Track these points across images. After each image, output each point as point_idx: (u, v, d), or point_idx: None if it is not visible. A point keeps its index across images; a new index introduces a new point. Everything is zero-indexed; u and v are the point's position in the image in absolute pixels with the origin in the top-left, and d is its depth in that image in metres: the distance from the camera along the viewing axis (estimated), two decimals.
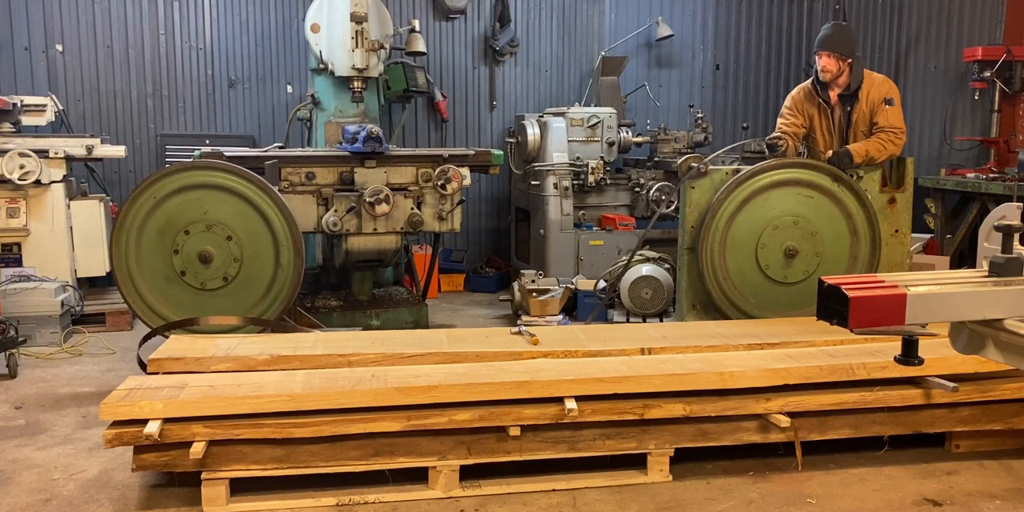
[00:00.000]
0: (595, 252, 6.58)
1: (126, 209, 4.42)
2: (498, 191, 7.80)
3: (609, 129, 6.80)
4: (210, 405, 3.04)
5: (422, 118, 7.55)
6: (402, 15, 7.25)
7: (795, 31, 8.33)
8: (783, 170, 4.78)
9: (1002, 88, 6.47)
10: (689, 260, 4.83)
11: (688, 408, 3.27)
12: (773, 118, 8.36)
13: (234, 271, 4.59)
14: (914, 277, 2.18)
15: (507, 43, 7.54)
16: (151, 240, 4.52)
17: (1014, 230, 2.18)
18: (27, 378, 4.73)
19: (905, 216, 4.98)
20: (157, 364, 3.59)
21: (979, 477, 3.36)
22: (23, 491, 3.24)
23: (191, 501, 3.11)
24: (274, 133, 7.04)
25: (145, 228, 4.51)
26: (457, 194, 5.33)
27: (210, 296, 4.60)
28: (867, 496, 3.20)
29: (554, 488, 3.23)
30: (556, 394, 3.20)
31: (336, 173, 5.15)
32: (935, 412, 3.48)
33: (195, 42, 6.98)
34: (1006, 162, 6.54)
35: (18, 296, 5.34)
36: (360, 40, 5.68)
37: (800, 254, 4.77)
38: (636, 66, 7.94)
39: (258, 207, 4.62)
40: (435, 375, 3.31)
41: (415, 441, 3.17)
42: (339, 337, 4.12)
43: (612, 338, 3.99)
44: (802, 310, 4.75)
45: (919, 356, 2.16)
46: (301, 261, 4.68)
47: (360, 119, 5.96)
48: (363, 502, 3.12)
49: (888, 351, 3.52)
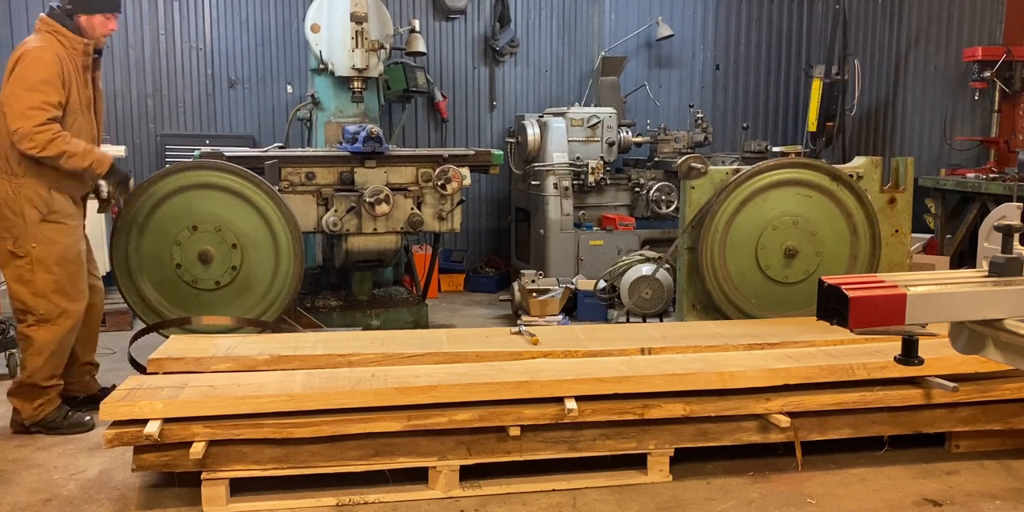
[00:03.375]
0: (595, 252, 6.59)
1: (126, 209, 4.42)
2: (498, 191, 7.80)
3: (609, 129, 6.81)
4: (210, 405, 3.04)
5: (422, 118, 7.56)
6: (402, 15, 7.25)
7: (795, 31, 8.34)
8: (782, 170, 4.78)
9: (1002, 88, 6.46)
10: (689, 260, 4.83)
11: (688, 408, 3.27)
12: (773, 118, 8.44)
13: (234, 271, 4.59)
14: (914, 277, 2.18)
15: (507, 43, 7.54)
16: (151, 240, 4.52)
17: (1014, 230, 2.18)
18: None
19: (905, 216, 4.98)
20: (157, 364, 3.59)
21: (979, 477, 3.36)
22: (23, 491, 3.24)
23: (191, 501, 3.11)
24: (274, 133, 7.04)
25: (145, 228, 4.51)
26: (457, 194, 5.33)
27: (210, 296, 4.61)
28: (867, 496, 3.20)
29: (554, 488, 3.23)
30: (556, 394, 3.20)
31: (336, 173, 5.15)
32: (935, 412, 3.48)
33: (195, 42, 6.98)
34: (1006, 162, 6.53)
35: None
36: (360, 40, 5.69)
37: (800, 254, 4.77)
38: (636, 66, 7.94)
39: (258, 207, 4.62)
40: (435, 375, 3.31)
41: (415, 441, 3.17)
42: (339, 337, 4.12)
43: (612, 338, 3.99)
44: (802, 310, 4.75)
45: (919, 356, 2.16)
46: (301, 261, 4.68)
47: (360, 119, 5.96)
48: (363, 502, 3.12)
49: (888, 351, 3.52)
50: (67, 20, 3.80)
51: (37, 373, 3.80)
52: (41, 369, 3.80)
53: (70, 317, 3.84)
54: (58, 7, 3.82)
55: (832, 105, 7.42)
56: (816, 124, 7.49)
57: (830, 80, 7.39)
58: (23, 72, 3.64)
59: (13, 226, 3.72)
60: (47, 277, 3.75)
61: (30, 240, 3.72)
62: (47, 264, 3.74)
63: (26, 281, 3.74)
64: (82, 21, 3.83)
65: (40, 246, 3.73)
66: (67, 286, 3.80)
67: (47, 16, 3.80)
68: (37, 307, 3.76)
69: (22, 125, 3.60)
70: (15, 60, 3.68)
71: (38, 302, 3.75)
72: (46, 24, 3.79)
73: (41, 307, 3.76)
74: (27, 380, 3.81)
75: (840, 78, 7.32)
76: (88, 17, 3.83)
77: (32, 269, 3.73)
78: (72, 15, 3.81)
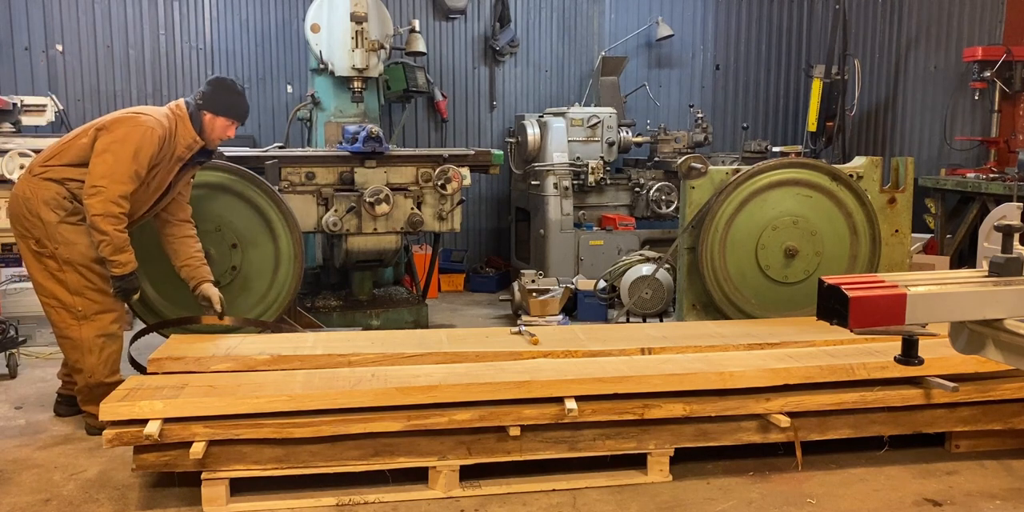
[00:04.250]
0: (595, 252, 6.59)
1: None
2: (498, 191, 7.80)
3: (609, 129, 6.81)
4: (210, 405, 3.04)
5: (422, 118, 7.55)
6: (402, 15, 7.25)
7: (795, 31, 8.34)
8: (782, 170, 4.78)
9: (1002, 88, 6.46)
10: (689, 260, 4.83)
11: (688, 408, 3.27)
12: (773, 118, 8.43)
13: (234, 271, 4.59)
14: (914, 277, 2.18)
15: (507, 43, 7.54)
16: (151, 239, 4.51)
17: (1014, 230, 2.18)
18: (27, 378, 4.73)
19: (905, 216, 4.98)
20: (157, 364, 3.59)
21: (979, 477, 3.36)
22: (23, 491, 3.24)
23: (191, 501, 3.11)
24: (274, 133, 7.04)
25: (145, 228, 4.50)
26: (457, 194, 5.33)
27: None
28: (867, 496, 3.20)
29: (554, 488, 3.23)
30: (556, 394, 3.20)
31: (336, 173, 5.15)
32: (935, 412, 3.48)
33: (195, 42, 6.98)
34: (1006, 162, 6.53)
35: (18, 296, 5.34)
36: (360, 40, 5.69)
37: (800, 254, 4.77)
38: (636, 66, 7.94)
39: (258, 207, 4.62)
40: (435, 375, 3.31)
41: (415, 441, 3.17)
42: (339, 337, 4.12)
43: (612, 338, 3.99)
44: (802, 310, 4.75)
45: (919, 356, 2.16)
46: (301, 261, 4.68)
47: (360, 119, 5.96)
48: (363, 502, 3.12)
49: (888, 351, 3.52)
50: (196, 114, 3.93)
51: (96, 371, 3.82)
52: (98, 367, 3.82)
53: (112, 311, 3.87)
54: (194, 99, 3.96)
55: (832, 105, 7.43)
56: (816, 124, 7.50)
57: (830, 80, 7.39)
58: (132, 138, 3.71)
59: (33, 227, 3.75)
60: (76, 277, 3.77)
61: (52, 241, 3.74)
62: (74, 265, 3.76)
63: (60, 280, 3.77)
64: (206, 119, 3.96)
65: (62, 247, 3.75)
66: (100, 283, 3.83)
67: (183, 103, 3.95)
68: (75, 304, 3.78)
69: (107, 186, 3.66)
70: (123, 120, 3.76)
71: (75, 299, 3.77)
72: (177, 109, 3.94)
73: (79, 304, 3.78)
74: (89, 381, 3.81)
75: (840, 78, 7.32)
76: (213, 117, 3.96)
77: (61, 268, 3.76)
78: (200, 110, 3.93)
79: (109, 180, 3.66)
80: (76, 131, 3.86)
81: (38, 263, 3.78)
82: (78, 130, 3.87)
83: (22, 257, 3.87)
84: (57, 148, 3.82)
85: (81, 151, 3.77)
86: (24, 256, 3.83)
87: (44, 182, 3.75)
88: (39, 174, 3.77)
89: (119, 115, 3.83)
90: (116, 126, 3.75)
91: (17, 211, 3.77)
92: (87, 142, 3.76)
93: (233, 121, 4.03)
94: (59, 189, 3.75)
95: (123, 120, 3.78)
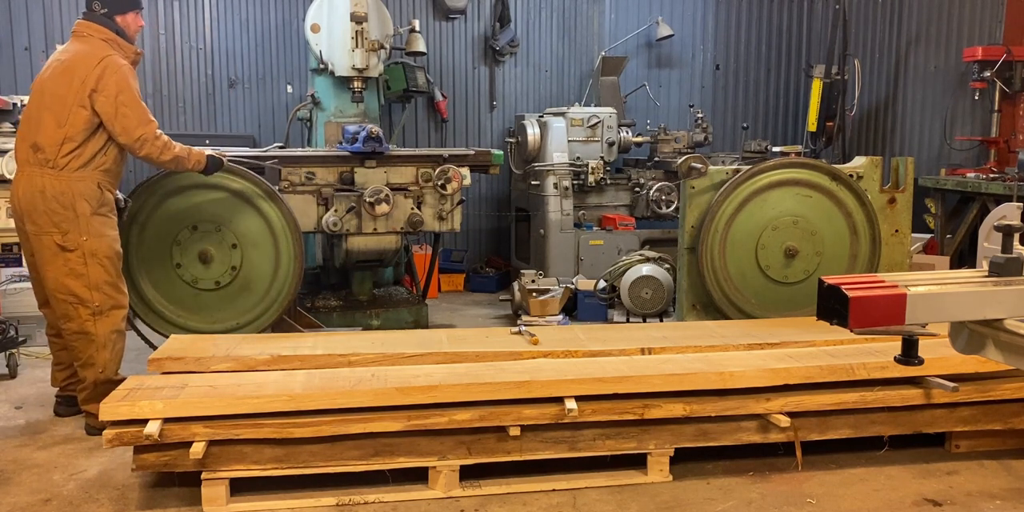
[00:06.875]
0: (595, 252, 6.59)
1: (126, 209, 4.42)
2: (498, 191, 7.80)
3: (609, 129, 6.81)
4: (210, 405, 3.04)
5: (422, 118, 7.55)
6: (402, 15, 7.25)
7: (795, 31, 8.34)
8: (782, 170, 4.79)
9: (1002, 88, 6.46)
10: (689, 260, 4.83)
11: (688, 408, 3.27)
12: (773, 118, 8.43)
13: (234, 271, 4.59)
14: (914, 277, 2.18)
15: (507, 43, 7.53)
16: (151, 240, 4.52)
17: (1014, 230, 2.18)
18: (27, 378, 4.73)
19: (905, 216, 4.98)
20: (157, 364, 3.59)
21: (979, 477, 3.36)
22: (23, 491, 3.24)
23: (191, 501, 3.11)
24: (274, 133, 7.03)
25: (145, 228, 4.51)
26: (457, 194, 5.33)
27: (209, 296, 4.61)
28: (867, 496, 3.20)
29: (554, 488, 3.23)
30: (556, 394, 3.20)
31: (336, 173, 5.15)
32: (935, 412, 3.48)
33: (195, 42, 6.98)
34: (1006, 162, 6.53)
35: (18, 296, 5.33)
36: (360, 40, 5.68)
37: (800, 254, 4.77)
38: (636, 66, 7.94)
39: (258, 207, 4.62)
40: (435, 375, 3.31)
41: (415, 441, 3.17)
42: (339, 337, 4.13)
43: (612, 338, 3.99)
44: (802, 310, 4.75)
45: (919, 356, 2.16)
46: (301, 261, 4.68)
47: (360, 119, 5.95)
48: (363, 502, 3.12)
49: (888, 351, 3.52)
50: (111, 24, 3.85)
51: (108, 367, 3.84)
52: (110, 363, 3.85)
53: (123, 308, 3.91)
54: (92, 11, 3.85)
55: (832, 105, 7.42)
56: (816, 124, 7.50)
57: (830, 80, 7.39)
58: (124, 83, 3.75)
59: (63, 220, 3.74)
60: (99, 269, 3.79)
61: (81, 234, 3.75)
62: (99, 257, 3.78)
63: (79, 274, 3.76)
64: (119, 22, 3.89)
65: (92, 239, 3.76)
66: (116, 279, 3.86)
67: (91, 21, 3.83)
68: (92, 299, 3.78)
69: (145, 131, 3.79)
70: (101, 70, 3.72)
71: (93, 294, 3.78)
72: (97, 31, 3.83)
73: (96, 299, 3.79)
74: (100, 377, 3.82)
75: (840, 78, 7.32)
76: (123, 17, 3.90)
77: (85, 262, 3.76)
78: (111, 17, 3.86)
79: (141, 127, 3.78)
80: (53, 105, 3.71)
81: (58, 259, 3.75)
82: (55, 104, 3.71)
83: (35, 255, 3.82)
84: (61, 135, 3.71)
85: (89, 124, 3.75)
86: (40, 253, 3.78)
87: (77, 174, 3.75)
88: (67, 167, 3.74)
89: (91, 71, 3.70)
90: (104, 83, 3.71)
91: (43, 206, 3.72)
92: (88, 113, 3.73)
93: (138, 10, 3.97)
94: (99, 180, 3.81)
95: (103, 75, 3.71)
